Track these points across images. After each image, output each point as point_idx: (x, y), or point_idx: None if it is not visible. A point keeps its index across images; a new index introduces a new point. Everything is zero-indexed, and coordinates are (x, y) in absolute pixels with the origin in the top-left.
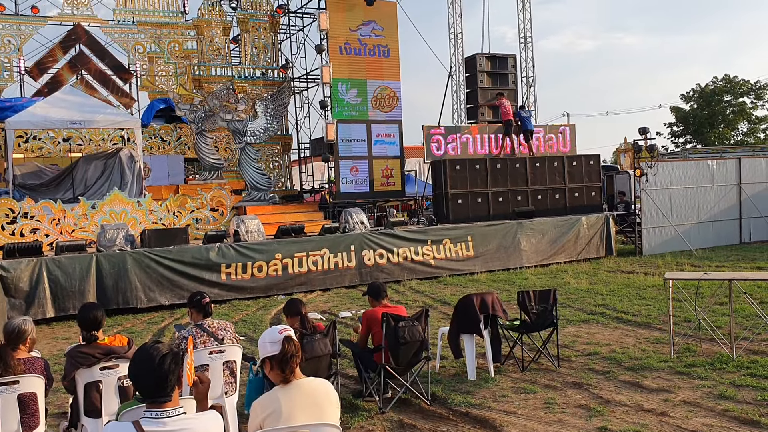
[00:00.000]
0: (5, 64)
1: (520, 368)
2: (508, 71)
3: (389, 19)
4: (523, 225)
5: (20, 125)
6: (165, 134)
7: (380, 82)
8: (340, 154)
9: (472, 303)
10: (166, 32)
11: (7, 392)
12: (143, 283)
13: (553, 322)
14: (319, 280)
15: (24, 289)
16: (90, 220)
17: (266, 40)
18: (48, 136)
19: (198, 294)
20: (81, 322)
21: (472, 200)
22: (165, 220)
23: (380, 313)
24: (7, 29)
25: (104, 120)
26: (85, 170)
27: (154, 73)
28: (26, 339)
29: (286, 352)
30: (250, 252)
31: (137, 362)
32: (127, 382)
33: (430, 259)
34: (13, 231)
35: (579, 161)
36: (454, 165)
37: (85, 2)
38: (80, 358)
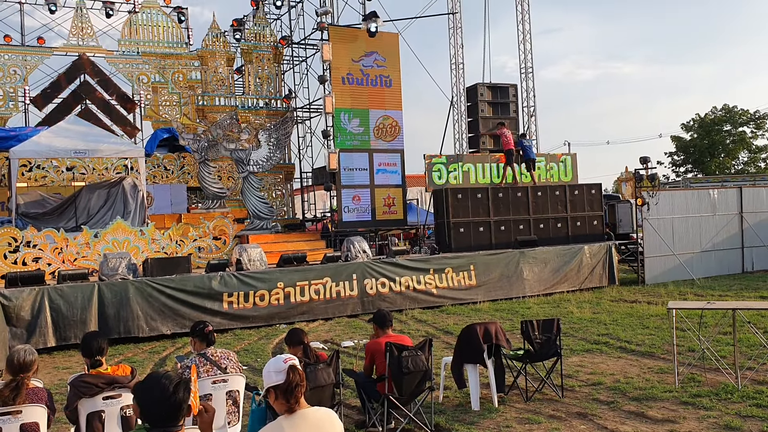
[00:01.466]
0: (11, 93)
1: (524, 398)
2: (509, 100)
3: (391, 50)
4: (525, 254)
5: (24, 154)
6: (168, 163)
7: (382, 111)
8: (342, 183)
9: (476, 332)
10: (171, 63)
11: (10, 422)
12: (145, 312)
13: (557, 352)
14: (321, 309)
15: (25, 318)
16: (92, 248)
17: (270, 71)
18: (51, 165)
19: (201, 323)
20: (84, 350)
21: (474, 229)
22: (168, 248)
23: (383, 343)
24: (13, 60)
25: (108, 149)
26: (89, 199)
27: (158, 102)
28: (33, 369)
29: (291, 382)
30: (252, 281)
31: (148, 390)
32: (129, 412)
33: (433, 288)
34: (15, 260)
35: (581, 190)
36: (455, 194)
37: (90, 33)
38: (83, 388)
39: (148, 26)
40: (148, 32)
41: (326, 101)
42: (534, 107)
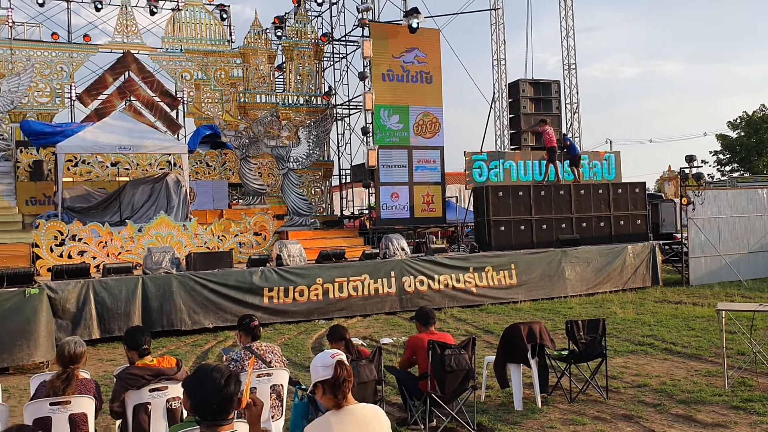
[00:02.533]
0: (57, 90)
1: (567, 399)
2: (551, 97)
3: (432, 46)
4: (567, 253)
5: (71, 149)
6: (210, 160)
7: (422, 108)
8: (381, 180)
9: (520, 332)
10: (213, 60)
11: (60, 412)
12: (188, 306)
13: (602, 353)
14: (359, 306)
15: (71, 310)
16: (136, 243)
17: (310, 68)
18: (96, 160)
19: (247, 317)
20: (130, 343)
21: (515, 227)
22: (209, 243)
23: (426, 341)
24: (60, 57)
25: (152, 145)
26: (133, 194)
27: (200, 99)
28: (82, 361)
29: (339, 377)
30: (292, 276)
31: (199, 383)
32: (175, 404)
33: (472, 286)
34: (61, 253)
35: (624, 189)
36: (496, 191)
37: (134, 30)
38: (130, 380)
39: (191, 24)
40: (191, 30)
41: (366, 98)
42: (577, 104)
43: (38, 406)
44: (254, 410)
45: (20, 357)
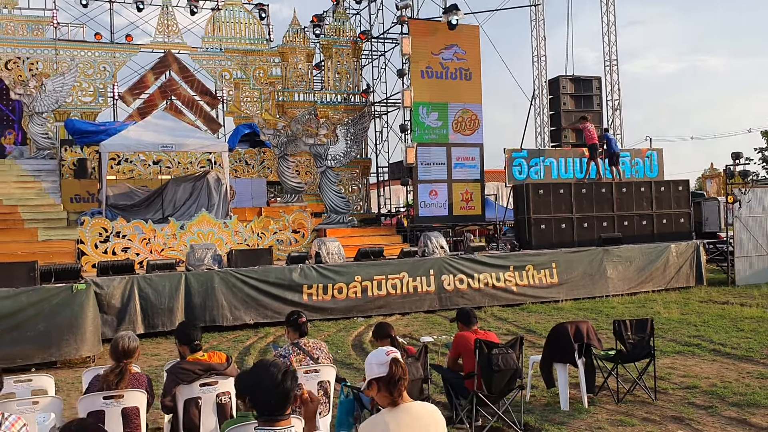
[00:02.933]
0: (100, 89)
1: (614, 400)
2: (592, 93)
3: (471, 42)
4: (609, 252)
5: (114, 148)
6: (249, 158)
7: (461, 105)
8: (419, 178)
9: (566, 331)
10: (252, 59)
11: (113, 406)
12: (229, 302)
13: (650, 353)
14: (398, 304)
15: (116, 305)
16: (179, 239)
17: (348, 66)
18: (139, 158)
19: (295, 313)
20: (182, 338)
21: (556, 225)
22: (249, 240)
23: (472, 339)
24: (103, 57)
25: (194, 143)
26: (175, 192)
27: (240, 98)
28: (136, 355)
29: (394, 374)
30: (331, 274)
31: (257, 379)
32: (224, 399)
33: (513, 285)
34: (105, 249)
35: (667, 187)
36: (537, 189)
37: (175, 30)
38: (181, 374)
39: (230, 23)
40: (230, 29)
41: (405, 95)
42: (618, 101)
43: (92, 399)
44: (310, 406)
45: (68, 351)
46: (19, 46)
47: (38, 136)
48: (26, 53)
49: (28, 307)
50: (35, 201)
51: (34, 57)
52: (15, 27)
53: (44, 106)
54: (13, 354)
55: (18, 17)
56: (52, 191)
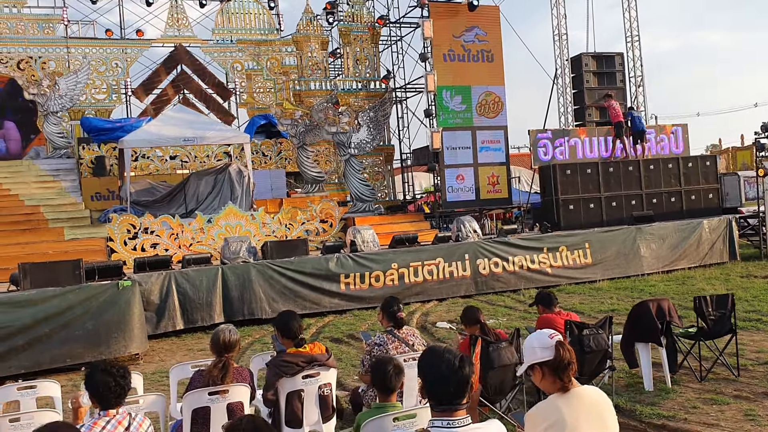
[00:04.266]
0: (113, 86)
1: (697, 378)
2: (615, 70)
3: (492, 24)
4: (642, 230)
5: (136, 144)
6: (266, 149)
7: (484, 87)
8: (445, 162)
9: (649, 310)
10: (265, 49)
11: (218, 401)
12: (267, 294)
13: (731, 329)
14: (435, 290)
15: (155, 301)
16: (206, 233)
17: (367, 52)
18: (155, 154)
19: (394, 302)
20: (285, 332)
21: (584, 205)
22: (277, 232)
23: (557, 321)
24: (114, 53)
25: (215, 136)
26: (197, 186)
27: (253, 89)
28: (237, 348)
29: (563, 358)
30: (367, 262)
31: (434, 366)
32: (327, 391)
33: (547, 267)
34: (135, 246)
35: (695, 162)
36: (564, 170)
37: (185, 24)
38: (284, 367)
39: (240, 14)
40: (240, 20)
41: (428, 79)
42: (642, 77)
43: (197, 396)
44: (473, 395)
45: (117, 349)
46: (31, 46)
47: (54, 136)
48: (38, 52)
49: (76, 306)
50: (57, 200)
51: (45, 56)
52: (25, 26)
53: (58, 105)
54: (62, 354)
55: (28, 16)
56: (73, 190)
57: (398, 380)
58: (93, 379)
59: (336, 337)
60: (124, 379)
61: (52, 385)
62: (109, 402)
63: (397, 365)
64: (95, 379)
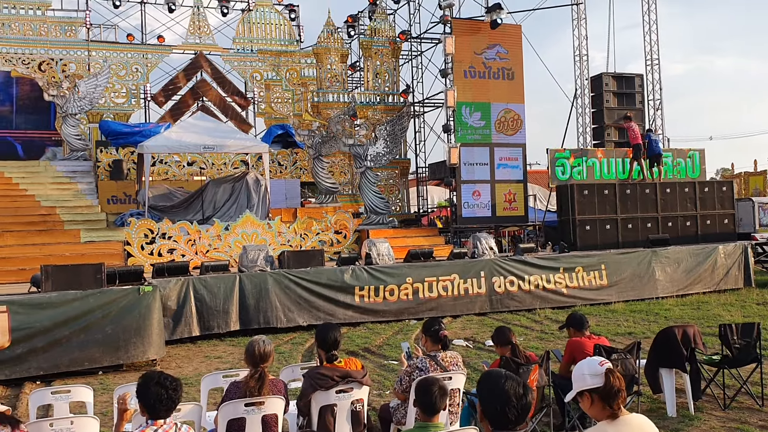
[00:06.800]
0: (133, 91)
1: (720, 406)
2: (635, 91)
3: (514, 42)
4: (657, 253)
5: (156, 149)
6: (282, 159)
7: (504, 105)
8: (462, 178)
9: (674, 336)
10: (284, 60)
11: (254, 413)
12: (283, 304)
13: (756, 358)
14: (449, 306)
15: (172, 307)
16: (223, 241)
17: (387, 66)
18: (173, 159)
19: (435, 322)
20: (322, 343)
21: (601, 226)
22: (292, 241)
23: (590, 345)
24: (135, 58)
25: (234, 145)
26: (214, 193)
27: (271, 99)
28: (271, 359)
29: (612, 386)
30: (382, 275)
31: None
32: (359, 407)
33: (563, 287)
34: (152, 251)
35: (711, 187)
36: (582, 190)
37: (206, 32)
38: (319, 380)
39: (261, 24)
40: (261, 30)
41: (448, 95)
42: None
43: (234, 407)
44: None
45: (135, 354)
46: (52, 48)
47: (72, 138)
48: (59, 54)
49: (96, 310)
50: (72, 202)
51: (67, 58)
52: (48, 28)
53: (77, 108)
54: (81, 357)
55: (51, 18)
56: (89, 192)
57: (443, 401)
58: (146, 390)
59: (351, 350)
60: (175, 392)
61: (85, 390)
62: (158, 413)
63: (441, 387)
64: (149, 390)
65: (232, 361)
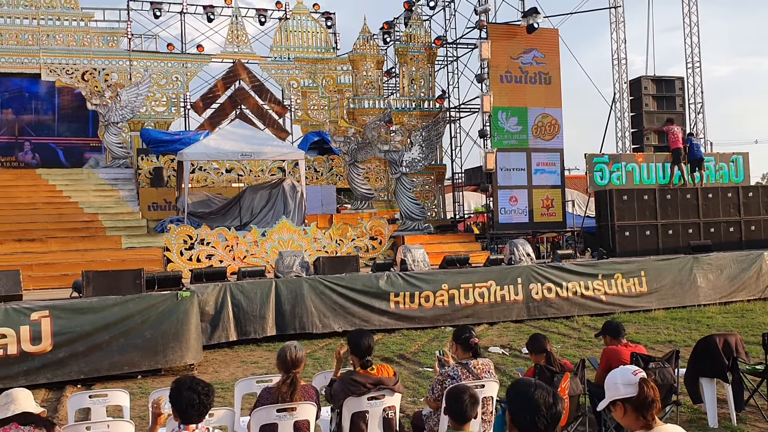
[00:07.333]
0: (173, 99)
1: (764, 417)
2: (675, 94)
3: (550, 46)
4: (699, 260)
5: (195, 156)
6: (318, 165)
7: (541, 109)
8: (499, 184)
9: (715, 344)
10: (321, 67)
11: (286, 419)
12: (318, 309)
13: None
14: (485, 313)
15: (210, 312)
16: (260, 246)
17: (423, 71)
18: (212, 167)
19: (466, 331)
20: (355, 349)
21: (640, 232)
22: (328, 247)
23: (627, 353)
24: (175, 67)
25: (272, 152)
26: (252, 199)
27: (307, 106)
28: (303, 365)
29: (647, 396)
30: (417, 282)
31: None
32: (390, 414)
33: (601, 294)
34: (190, 257)
35: (756, 192)
36: (621, 195)
37: (245, 40)
38: (353, 386)
39: (298, 32)
40: (298, 38)
41: (484, 100)
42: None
43: (266, 412)
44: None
45: (173, 359)
46: (95, 58)
47: (114, 146)
48: (101, 64)
49: (135, 315)
50: (114, 209)
51: (109, 68)
52: (91, 39)
53: (119, 116)
54: (121, 362)
55: (94, 29)
56: (130, 199)
57: (473, 410)
58: (179, 395)
59: (386, 357)
60: (207, 398)
61: (121, 394)
62: (190, 418)
63: (472, 395)
64: (181, 395)
65: (268, 367)
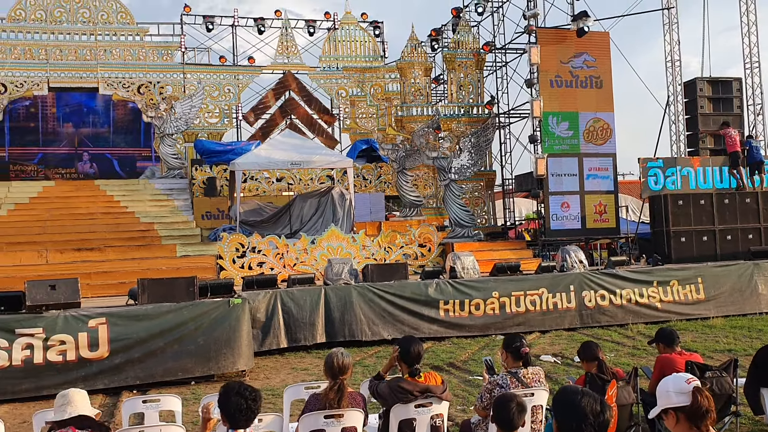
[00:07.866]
0: (225, 111)
1: None
2: (732, 96)
3: (601, 49)
4: (760, 266)
5: (247, 166)
6: (367, 173)
7: (592, 114)
8: (550, 190)
9: None
10: (369, 76)
11: (333, 425)
12: (367, 317)
13: None
14: (537, 321)
15: (261, 319)
16: (309, 254)
17: (471, 77)
18: (263, 176)
19: (517, 339)
20: (404, 357)
21: (697, 238)
22: (377, 255)
23: (681, 362)
24: (227, 79)
25: (321, 160)
26: (301, 207)
27: (356, 115)
28: (350, 371)
29: (700, 406)
30: (467, 289)
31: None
32: (438, 422)
33: (657, 301)
34: (242, 264)
35: None
36: (676, 200)
37: (294, 51)
38: (400, 394)
39: (346, 42)
40: (346, 48)
41: (534, 105)
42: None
43: (314, 418)
44: None
45: (225, 365)
46: (150, 71)
47: (169, 157)
48: (156, 78)
49: (189, 321)
50: (170, 218)
51: (163, 81)
52: (146, 53)
53: (174, 128)
54: (175, 367)
55: (149, 44)
56: (185, 209)
57: (520, 418)
58: (227, 400)
59: (436, 365)
60: (255, 403)
61: (174, 399)
62: (238, 422)
63: (520, 403)
64: (229, 400)
65: (317, 373)
